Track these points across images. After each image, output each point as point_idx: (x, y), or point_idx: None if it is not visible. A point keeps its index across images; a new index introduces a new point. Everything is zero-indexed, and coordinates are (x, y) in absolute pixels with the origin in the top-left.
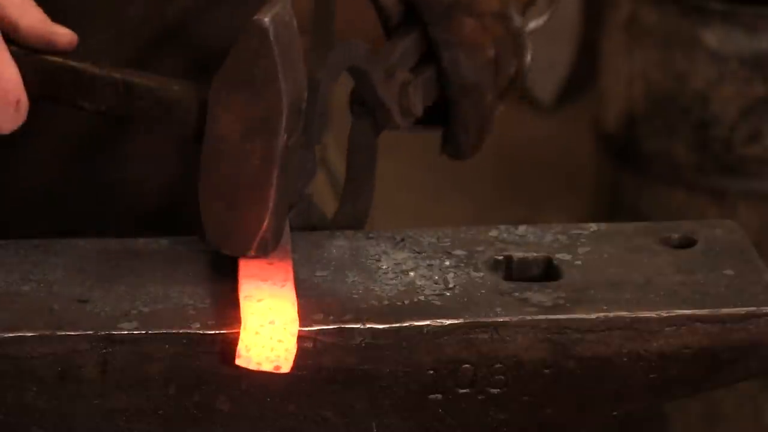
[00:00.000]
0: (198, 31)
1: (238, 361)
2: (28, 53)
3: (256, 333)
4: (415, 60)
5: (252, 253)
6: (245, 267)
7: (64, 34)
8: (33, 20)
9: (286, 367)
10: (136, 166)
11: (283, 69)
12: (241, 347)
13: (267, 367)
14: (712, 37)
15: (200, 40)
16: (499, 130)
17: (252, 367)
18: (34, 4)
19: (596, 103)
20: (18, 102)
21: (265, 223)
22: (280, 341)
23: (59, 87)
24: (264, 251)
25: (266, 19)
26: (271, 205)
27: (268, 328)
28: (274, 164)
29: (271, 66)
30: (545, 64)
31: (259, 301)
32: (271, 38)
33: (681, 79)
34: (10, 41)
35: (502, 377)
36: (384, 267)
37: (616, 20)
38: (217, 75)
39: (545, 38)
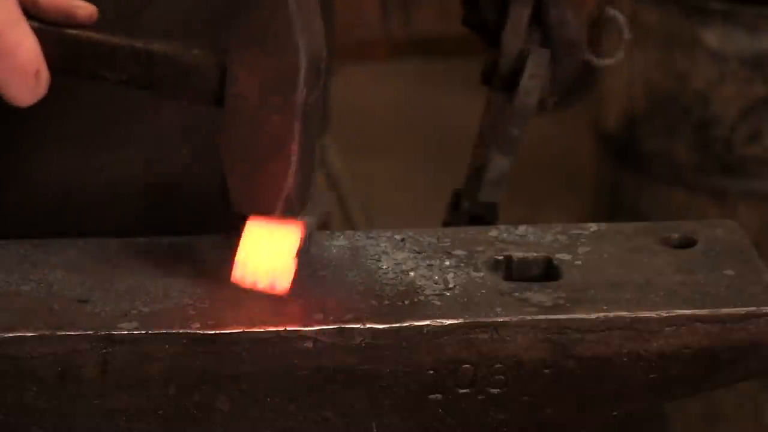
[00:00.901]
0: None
1: (234, 276)
2: (48, 27)
3: (255, 248)
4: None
5: (278, 212)
6: (253, 220)
7: (83, 7)
8: None
9: (283, 286)
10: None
11: (300, 23)
12: (239, 263)
13: (264, 284)
14: (713, 37)
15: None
16: None
17: (248, 283)
18: None
19: (596, 103)
20: (37, 72)
21: (290, 179)
22: (277, 258)
23: (80, 59)
24: (291, 210)
25: None
26: (294, 159)
27: (268, 243)
28: (294, 118)
29: (287, 19)
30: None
31: (260, 227)
32: None
33: (681, 79)
34: (30, 16)
35: (502, 377)
36: (384, 267)
37: None
38: (235, 32)
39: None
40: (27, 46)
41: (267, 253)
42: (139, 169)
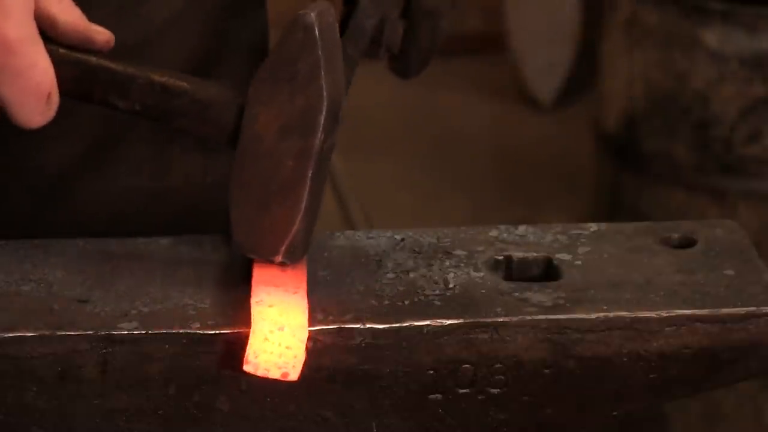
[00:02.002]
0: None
1: (246, 367)
2: (64, 50)
3: (265, 339)
4: None
5: (279, 258)
6: (259, 272)
7: (101, 33)
8: (71, 17)
9: (294, 375)
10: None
11: (326, 67)
12: (250, 353)
13: (275, 374)
14: (712, 37)
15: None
16: (499, 130)
17: (260, 373)
18: (72, 2)
19: (596, 103)
20: (49, 95)
21: (296, 226)
22: (288, 348)
23: (94, 85)
24: (292, 257)
25: (312, 14)
26: (303, 206)
27: (278, 335)
28: (309, 163)
29: (315, 61)
30: (545, 64)
31: (270, 306)
32: (316, 33)
33: (681, 79)
34: (47, 38)
35: (502, 377)
36: (384, 267)
37: (616, 20)
38: (260, 70)
39: (545, 39)
40: (41, 67)
41: (278, 345)
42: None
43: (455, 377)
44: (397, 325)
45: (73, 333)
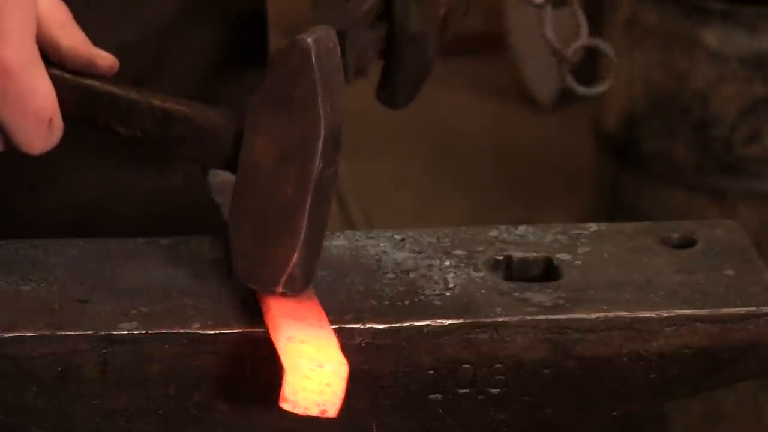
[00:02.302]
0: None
1: (285, 405)
2: (67, 74)
3: (306, 377)
4: (372, 17)
5: (279, 289)
6: (276, 306)
7: (105, 58)
8: (75, 42)
9: (333, 412)
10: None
11: (323, 93)
12: (288, 391)
13: (313, 412)
14: (712, 37)
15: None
16: (499, 130)
17: (298, 411)
18: (77, 26)
19: (596, 103)
20: (51, 120)
21: (295, 256)
22: (328, 385)
23: (96, 111)
24: (292, 288)
25: (309, 40)
26: (302, 236)
27: (318, 372)
28: (308, 192)
29: (311, 87)
30: (545, 65)
31: (302, 343)
32: (313, 58)
33: (681, 79)
34: (49, 63)
35: (502, 377)
36: (384, 267)
37: (616, 20)
38: (255, 96)
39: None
40: (43, 91)
41: (318, 383)
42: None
43: (455, 377)
44: (397, 325)
45: (73, 333)
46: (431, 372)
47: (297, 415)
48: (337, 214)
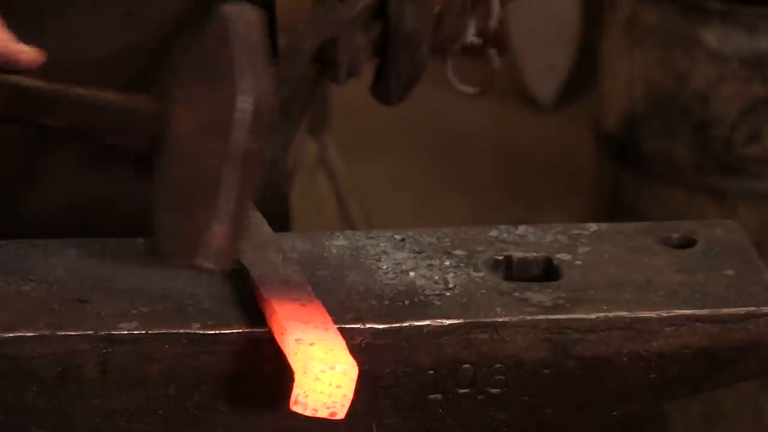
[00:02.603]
0: None
1: (295, 408)
2: None
3: (317, 378)
4: (367, 17)
5: (198, 260)
6: (281, 309)
7: (27, 52)
8: None
9: (341, 414)
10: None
11: (244, 62)
12: (299, 393)
13: (323, 414)
14: (712, 37)
15: None
16: (499, 130)
17: (308, 413)
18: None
19: (596, 103)
20: None
21: (213, 226)
22: (338, 387)
23: (23, 105)
24: (211, 260)
25: (228, 9)
26: (220, 207)
27: (329, 374)
28: (226, 163)
29: (230, 56)
30: (545, 65)
31: (311, 345)
32: (231, 29)
33: (681, 79)
34: None
35: (502, 377)
36: (384, 267)
37: (616, 20)
38: (176, 71)
39: (545, 39)
40: None
41: (329, 385)
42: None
43: (455, 377)
44: (397, 325)
45: (73, 333)
46: (431, 372)
47: (305, 416)
48: (337, 214)
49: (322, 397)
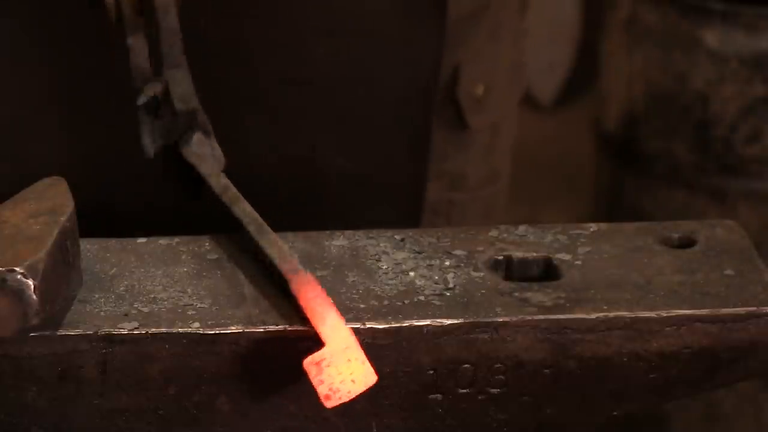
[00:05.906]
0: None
1: (309, 367)
2: None
3: (348, 360)
4: None
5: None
6: (314, 289)
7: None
8: None
9: (332, 404)
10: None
11: None
12: (325, 359)
13: (323, 390)
14: (712, 37)
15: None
16: None
17: (317, 377)
18: None
19: (596, 103)
20: None
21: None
22: (353, 382)
23: None
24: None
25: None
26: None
27: (358, 366)
28: None
29: None
30: (545, 64)
31: (352, 332)
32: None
33: (681, 79)
34: None
35: (502, 377)
36: (384, 267)
37: (616, 20)
38: None
39: (545, 39)
40: None
41: (348, 374)
42: None
43: (455, 377)
44: (397, 325)
45: (73, 333)
46: (431, 372)
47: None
48: None
49: (338, 377)
